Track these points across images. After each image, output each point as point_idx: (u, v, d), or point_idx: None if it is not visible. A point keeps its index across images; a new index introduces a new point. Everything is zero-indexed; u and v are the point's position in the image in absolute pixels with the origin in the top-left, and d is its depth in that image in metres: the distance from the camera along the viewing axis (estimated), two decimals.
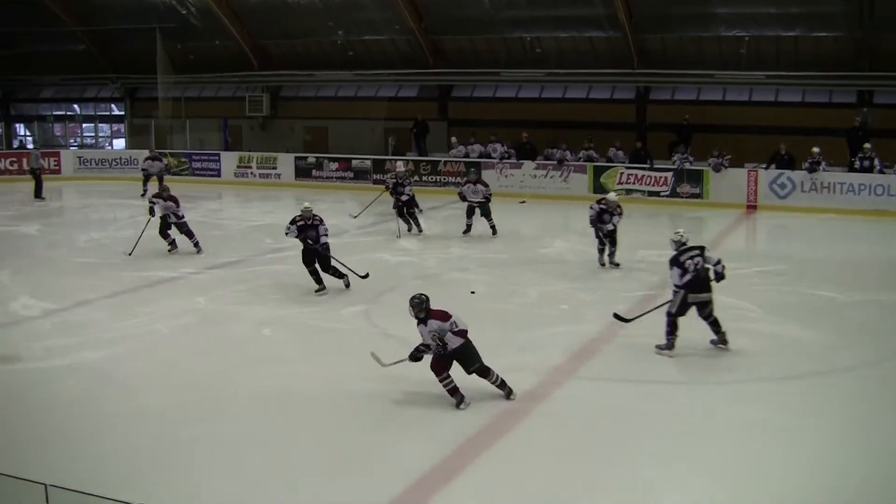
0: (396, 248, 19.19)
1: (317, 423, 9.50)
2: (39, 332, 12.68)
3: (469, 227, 20.55)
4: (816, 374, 11.22)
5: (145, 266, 17.11)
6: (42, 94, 39.86)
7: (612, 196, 17.20)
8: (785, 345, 12.31)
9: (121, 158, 33.36)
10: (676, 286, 11.67)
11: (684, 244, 11.86)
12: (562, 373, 11.01)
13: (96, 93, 38.63)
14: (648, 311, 12.12)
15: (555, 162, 27.36)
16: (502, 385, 10.02)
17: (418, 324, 9.84)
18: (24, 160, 31.01)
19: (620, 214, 16.78)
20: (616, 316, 12.40)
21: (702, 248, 11.87)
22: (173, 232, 18.57)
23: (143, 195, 25.71)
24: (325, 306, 13.99)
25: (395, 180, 20.95)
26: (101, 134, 39.12)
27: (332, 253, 15.18)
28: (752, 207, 25.17)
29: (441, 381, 9.78)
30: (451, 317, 9.70)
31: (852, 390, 10.72)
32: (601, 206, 16.76)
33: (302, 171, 30.89)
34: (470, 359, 9.84)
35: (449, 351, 9.73)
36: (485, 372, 9.92)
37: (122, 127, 38.50)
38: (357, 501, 7.63)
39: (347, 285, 15.20)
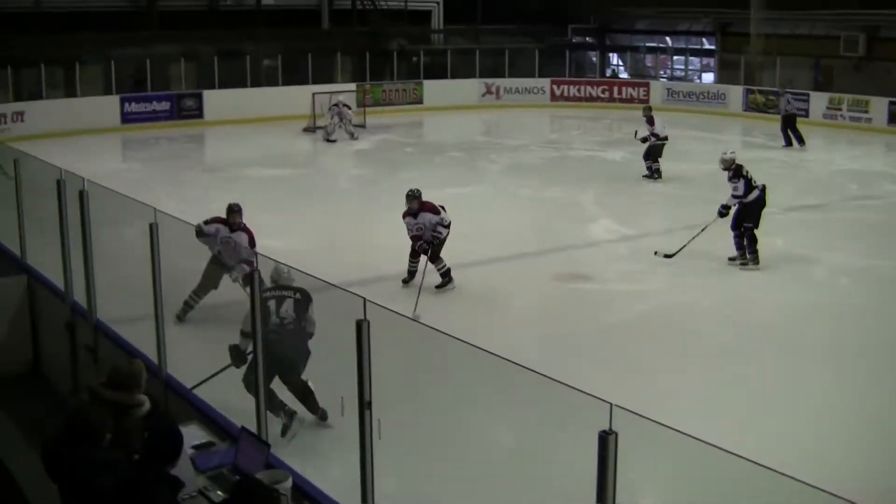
0: None
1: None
2: (614, 256, 13.07)
3: None
4: None
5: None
6: (636, 26, 41.02)
7: None
8: None
9: (708, 92, 33.68)
10: None
11: None
12: None
13: (688, 26, 39.03)
14: None
15: None
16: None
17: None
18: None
19: None
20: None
21: None
22: None
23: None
24: None
25: None
26: (690, 67, 39.50)
27: None
28: None
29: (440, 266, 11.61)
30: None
31: None
32: None
33: None
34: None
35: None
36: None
37: (711, 61, 38.59)
38: None
39: None
